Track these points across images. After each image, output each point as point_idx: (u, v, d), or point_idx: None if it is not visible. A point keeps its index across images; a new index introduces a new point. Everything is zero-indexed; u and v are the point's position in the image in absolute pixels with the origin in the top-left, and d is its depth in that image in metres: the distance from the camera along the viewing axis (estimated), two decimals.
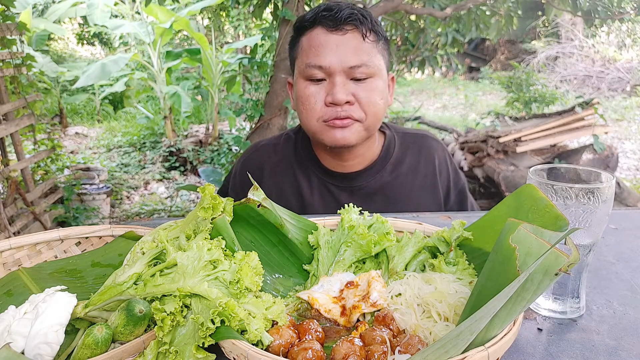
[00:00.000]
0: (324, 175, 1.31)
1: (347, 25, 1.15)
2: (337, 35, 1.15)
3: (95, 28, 8.88)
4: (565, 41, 10.06)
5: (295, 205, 1.31)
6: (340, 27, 1.14)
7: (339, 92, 1.13)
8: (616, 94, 9.13)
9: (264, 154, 1.39)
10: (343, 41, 1.14)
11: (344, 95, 1.13)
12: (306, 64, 1.16)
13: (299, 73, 1.21)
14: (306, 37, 1.19)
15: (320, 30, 1.16)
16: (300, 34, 1.21)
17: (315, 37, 1.16)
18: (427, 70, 6.84)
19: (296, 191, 1.32)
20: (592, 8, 4.18)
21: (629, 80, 9.20)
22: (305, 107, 1.18)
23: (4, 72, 3.01)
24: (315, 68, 1.15)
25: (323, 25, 1.15)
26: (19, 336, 0.62)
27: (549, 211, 0.68)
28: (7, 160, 3.18)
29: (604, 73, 9.40)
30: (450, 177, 1.38)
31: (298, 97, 1.21)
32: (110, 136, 7.67)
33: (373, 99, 1.17)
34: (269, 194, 1.37)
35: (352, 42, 1.15)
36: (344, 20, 1.14)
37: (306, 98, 1.17)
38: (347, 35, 1.15)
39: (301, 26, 1.20)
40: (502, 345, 0.54)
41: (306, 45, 1.18)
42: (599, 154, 4.72)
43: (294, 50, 1.24)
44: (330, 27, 1.15)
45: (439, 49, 4.56)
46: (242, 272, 0.66)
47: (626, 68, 9.43)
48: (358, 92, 1.16)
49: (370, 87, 1.16)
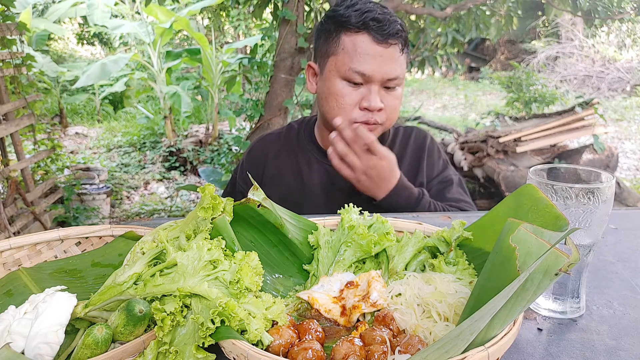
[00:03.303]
0: (323, 157, 1.40)
1: (392, 39, 1.22)
2: (382, 47, 1.22)
3: (95, 28, 8.88)
4: (565, 41, 10.06)
5: (295, 186, 1.41)
6: (387, 41, 1.21)
7: (375, 100, 1.23)
8: (616, 94, 9.13)
9: (268, 142, 1.50)
10: (386, 53, 1.22)
11: (379, 104, 1.23)
12: (349, 67, 1.23)
13: (336, 70, 1.26)
14: (350, 40, 1.23)
15: (367, 38, 1.22)
16: (341, 31, 1.25)
17: (362, 45, 1.22)
18: (427, 70, 6.85)
19: (296, 172, 1.42)
20: (592, 8, 4.18)
21: (629, 80, 9.21)
22: (340, 104, 1.26)
23: (4, 72, 3.01)
24: (357, 74, 1.22)
25: (371, 34, 1.21)
26: (19, 336, 0.62)
27: (549, 211, 0.68)
28: (7, 160, 3.19)
29: (604, 73, 9.41)
30: (434, 167, 1.45)
31: (331, 93, 1.27)
32: (110, 136, 7.67)
33: (397, 106, 1.29)
34: (272, 176, 1.46)
35: (393, 55, 1.23)
36: (392, 35, 1.21)
37: (341, 96, 1.25)
38: (389, 49, 1.22)
39: (344, 24, 1.24)
40: (502, 345, 0.54)
41: (350, 48, 1.23)
42: (599, 154, 4.73)
43: (330, 44, 1.28)
44: (379, 39, 1.21)
45: (439, 49, 4.56)
46: (242, 272, 0.66)
47: (626, 68, 9.44)
48: (387, 99, 1.26)
49: (396, 95, 1.28)
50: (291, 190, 1.41)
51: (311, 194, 1.39)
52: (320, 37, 1.32)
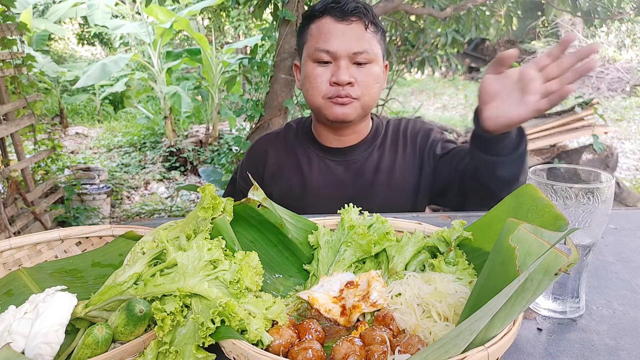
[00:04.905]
0: (321, 152, 1.45)
1: (352, 16, 1.30)
2: (343, 24, 1.30)
3: (95, 28, 8.87)
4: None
5: (296, 182, 1.44)
6: (346, 18, 1.30)
7: (342, 74, 1.28)
8: (616, 94, 9.13)
9: (268, 141, 1.55)
10: (348, 30, 1.30)
11: (346, 77, 1.29)
12: (315, 48, 1.31)
13: (307, 56, 1.35)
14: (315, 25, 1.34)
15: (328, 19, 1.32)
16: (309, 22, 1.37)
17: (324, 25, 1.32)
18: (427, 71, 6.84)
19: (297, 168, 1.46)
20: (591, 8, 4.18)
21: (629, 80, 9.21)
22: (312, 85, 1.33)
23: (5, 72, 3.01)
24: (323, 52, 1.30)
25: (331, 15, 1.31)
26: (19, 336, 0.62)
27: (549, 211, 0.68)
28: (8, 160, 3.19)
29: (603, 73, 9.40)
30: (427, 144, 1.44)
31: (306, 77, 1.36)
32: (110, 136, 7.67)
33: (370, 82, 1.33)
34: (272, 173, 1.48)
35: (356, 31, 1.31)
36: (350, 12, 1.30)
37: (313, 77, 1.33)
38: (352, 25, 1.30)
39: (311, 15, 1.37)
40: (502, 345, 0.54)
41: (315, 32, 1.33)
42: (598, 154, 4.72)
43: (303, 35, 1.39)
44: (338, 17, 1.30)
45: (439, 49, 4.56)
46: (242, 272, 0.66)
47: (626, 68, 9.43)
48: (358, 75, 1.31)
49: (368, 71, 1.32)
50: (292, 186, 1.43)
51: (312, 189, 1.41)
52: (298, 36, 1.43)
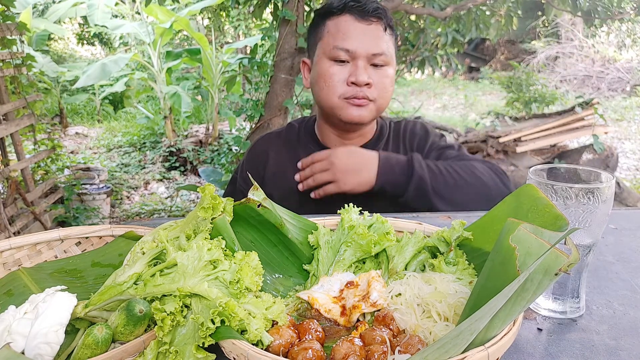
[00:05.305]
0: None
1: (372, 16, 1.29)
2: (364, 24, 1.28)
3: (95, 28, 8.88)
4: (565, 41, 10.07)
5: (297, 182, 1.42)
6: (367, 18, 1.28)
7: (361, 74, 1.26)
8: (616, 94, 9.13)
9: (269, 140, 1.54)
10: (368, 30, 1.28)
11: (365, 78, 1.27)
12: (333, 46, 1.28)
13: (323, 53, 1.32)
14: (333, 22, 1.31)
15: (348, 17, 1.29)
16: (325, 18, 1.34)
17: (344, 23, 1.29)
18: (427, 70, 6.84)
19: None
20: (591, 8, 4.18)
21: (629, 80, 9.21)
22: (328, 84, 1.30)
23: (4, 72, 3.01)
24: (341, 50, 1.27)
25: (351, 14, 1.29)
26: (19, 336, 0.62)
27: (549, 211, 0.68)
28: (7, 160, 3.18)
29: (603, 73, 9.41)
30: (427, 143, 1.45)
31: (320, 75, 1.32)
32: (110, 136, 7.67)
33: (387, 84, 1.32)
34: (273, 173, 1.47)
35: (376, 32, 1.29)
36: (370, 12, 1.28)
37: (329, 76, 1.30)
38: (372, 26, 1.29)
39: (328, 11, 1.33)
40: (502, 345, 0.54)
41: (333, 29, 1.30)
42: (598, 154, 4.72)
43: (318, 32, 1.35)
44: (358, 16, 1.28)
45: (439, 49, 4.55)
46: (242, 272, 0.66)
47: (626, 68, 9.44)
48: (375, 76, 1.30)
49: (385, 73, 1.31)
50: (294, 186, 1.42)
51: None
52: (310, 32, 1.40)
